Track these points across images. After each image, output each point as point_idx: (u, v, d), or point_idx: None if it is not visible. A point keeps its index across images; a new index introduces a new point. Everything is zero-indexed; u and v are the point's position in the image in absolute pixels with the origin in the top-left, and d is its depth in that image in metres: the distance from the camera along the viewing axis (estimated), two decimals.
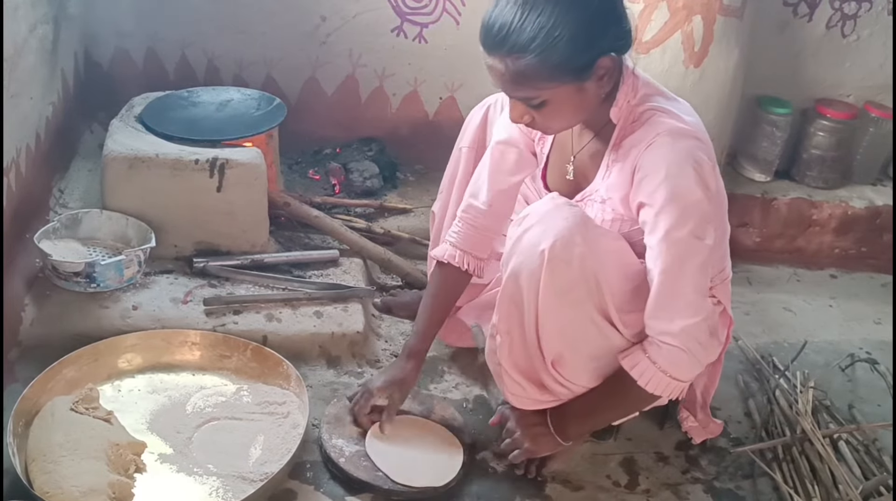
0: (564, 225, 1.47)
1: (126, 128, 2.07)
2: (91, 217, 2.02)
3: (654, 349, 1.49)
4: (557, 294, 1.49)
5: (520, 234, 1.53)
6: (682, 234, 1.42)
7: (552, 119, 1.48)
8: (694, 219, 1.43)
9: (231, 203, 2.02)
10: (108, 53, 2.52)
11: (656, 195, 1.43)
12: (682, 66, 2.32)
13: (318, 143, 2.65)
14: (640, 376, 1.51)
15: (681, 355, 1.48)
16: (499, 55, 1.39)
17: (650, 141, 1.44)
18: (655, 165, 1.43)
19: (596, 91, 1.44)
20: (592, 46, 1.38)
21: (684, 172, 1.42)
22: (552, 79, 1.39)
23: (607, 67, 1.41)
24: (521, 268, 1.51)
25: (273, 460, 1.61)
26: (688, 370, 1.51)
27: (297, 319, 1.94)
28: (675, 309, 1.46)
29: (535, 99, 1.43)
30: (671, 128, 1.44)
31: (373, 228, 2.33)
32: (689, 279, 1.45)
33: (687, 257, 1.44)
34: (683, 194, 1.42)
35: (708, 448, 1.84)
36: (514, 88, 1.42)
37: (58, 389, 1.66)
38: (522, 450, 1.65)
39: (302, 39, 2.56)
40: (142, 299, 1.91)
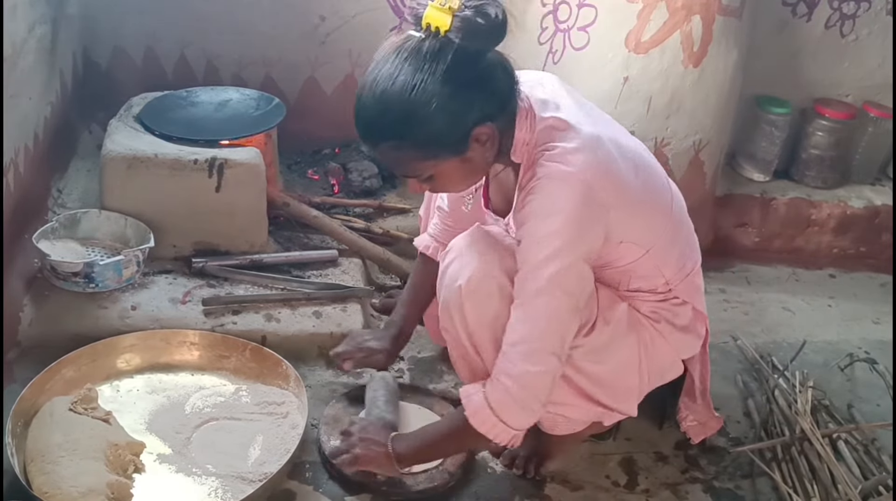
0: (480, 260, 1.48)
1: (125, 128, 2.07)
2: (90, 217, 2.02)
3: (491, 385, 1.44)
4: (486, 326, 1.49)
5: (443, 268, 1.55)
6: (545, 276, 1.38)
7: (447, 187, 1.50)
8: (560, 262, 1.37)
9: (230, 203, 2.02)
10: (106, 53, 2.51)
11: (528, 233, 1.40)
12: (681, 66, 2.31)
13: (317, 143, 2.65)
14: (471, 411, 1.45)
15: (510, 400, 1.42)
16: (372, 145, 1.39)
17: (532, 186, 1.40)
18: (531, 209, 1.40)
19: (482, 156, 1.40)
20: (460, 123, 1.34)
21: (555, 219, 1.37)
22: (430, 158, 1.38)
23: (486, 133, 1.37)
24: (448, 302, 1.53)
25: (272, 460, 1.61)
26: (516, 418, 1.43)
27: (296, 319, 1.94)
28: (521, 351, 1.41)
29: (420, 176, 1.42)
30: (553, 171, 1.39)
31: (371, 228, 2.32)
32: (542, 325, 1.41)
33: (538, 304, 1.40)
34: (548, 241, 1.38)
35: (707, 448, 1.84)
36: (396, 170, 1.46)
37: (56, 389, 1.66)
38: (351, 455, 1.58)
39: (301, 39, 2.56)
40: (140, 300, 1.90)
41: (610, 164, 1.42)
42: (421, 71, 1.29)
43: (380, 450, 1.57)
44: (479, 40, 1.31)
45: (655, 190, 1.55)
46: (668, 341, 1.63)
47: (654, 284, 1.59)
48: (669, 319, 1.62)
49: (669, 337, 1.62)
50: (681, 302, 1.63)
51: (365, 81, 1.35)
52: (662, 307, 1.61)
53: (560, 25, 2.39)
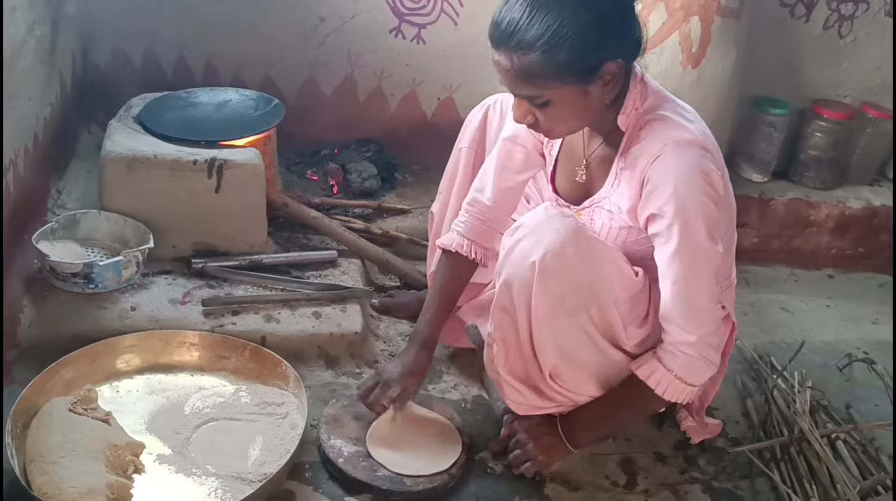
0: (555, 236, 1.48)
1: (124, 128, 2.07)
2: (89, 218, 2.02)
3: (670, 358, 1.53)
4: (550, 306, 1.50)
5: (512, 244, 1.54)
6: (694, 244, 1.44)
7: (555, 121, 1.48)
8: (704, 228, 1.44)
9: (229, 204, 2.02)
10: (105, 54, 2.52)
11: (666, 208, 1.44)
12: (680, 66, 2.32)
13: (316, 144, 2.65)
14: (658, 384, 1.54)
15: (697, 362, 1.52)
16: (505, 51, 1.39)
17: (657, 153, 1.44)
18: (664, 177, 1.44)
19: (601, 96, 1.44)
20: (599, 50, 1.38)
21: (693, 184, 1.43)
22: (557, 78, 1.39)
23: (613, 72, 1.42)
24: (513, 279, 1.52)
25: (272, 460, 1.61)
26: (704, 375, 1.55)
27: (296, 319, 1.94)
28: (690, 318, 1.49)
29: (539, 98, 1.43)
30: (677, 139, 1.44)
31: (371, 228, 2.33)
32: (703, 288, 1.48)
33: (700, 265, 1.47)
34: (693, 206, 1.43)
35: (706, 448, 1.84)
36: (519, 85, 1.42)
37: (56, 390, 1.65)
38: (534, 462, 1.65)
39: (300, 40, 2.56)
40: (140, 300, 1.90)
41: (717, 147, 1.51)
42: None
43: (555, 441, 1.64)
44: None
45: (731, 191, 1.61)
46: None
47: None
48: None
49: None
50: (721, 307, 1.64)
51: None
52: None
53: None
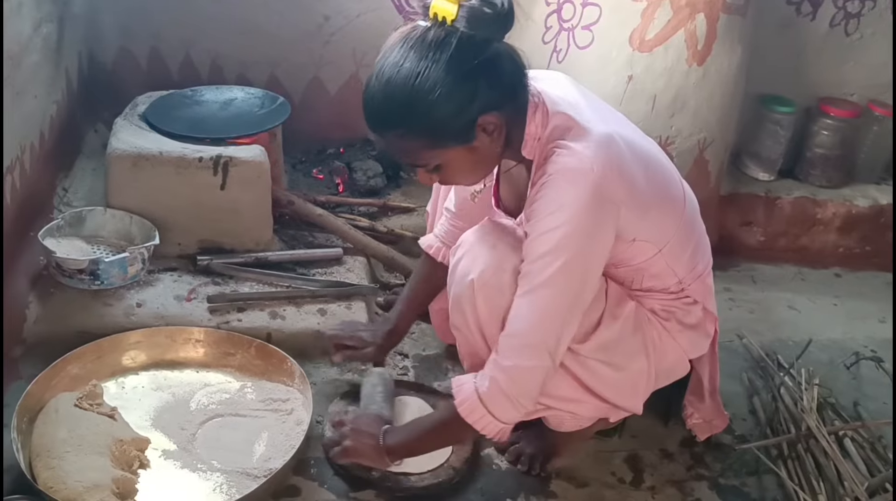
0: (491, 253, 1.48)
1: (130, 126, 2.07)
2: (95, 215, 2.02)
3: (481, 377, 1.44)
4: (498, 320, 1.47)
5: (454, 264, 1.55)
6: (548, 270, 1.37)
7: (456, 177, 1.48)
8: (563, 259, 1.36)
9: (235, 201, 2.02)
10: (111, 53, 2.52)
11: (535, 228, 1.39)
12: (685, 64, 2.31)
13: (321, 142, 2.65)
14: (460, 400, 1.45)
15: (500, 395, 1.41)
16: (377, 133, 1.39)
17: (543, 181, 1.40)
18: (541, 205, 1.39)
19: (490, 146, 1.40)
20: (464, 111, 1.34)
21: (564, 213, 1.36)
22: (434, 146, 1.37)
23: (492, 122, 1.37)
24: (459, 298, 1.53)
25: (277, 456, 1.61)
26: (504, 411, 1.43)
27: (301, 316, 1.94)
28: (514, 344, 1.41)
29: (428, 165, 1.42)
30: (564, 167, 1.38)
31: (376, 226, 2.33)
32: (539, 320, 1.40)
33: (540, 296, 1.39)
34: (556, 235, 1.36)
35: (713, 445, 1.83)
36: (403, 160, 1.45)
37: (62, 386, 1.66)
38: (342, 447, 1.59)
39: (305, 39, 2.56)
40: (146, 297, 1.91)
41: (622, 162, 1.41)
42: (425, 59, 1.30)
43: (370, 442, 1.57)
44: (485, 29, 1.31)
45: (668, 189, 1.55)
46: (677, 339, 1.62)
47: (667, 283, 1.58)
48: (679, 317, 1.61)
49: (678, 336, 1.62)
50: (692, 301, 1.62)
51: (373, 70, 1.36)
52: (673, 305, 1.61)
53: (564, 24, 2.39)
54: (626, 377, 1.58)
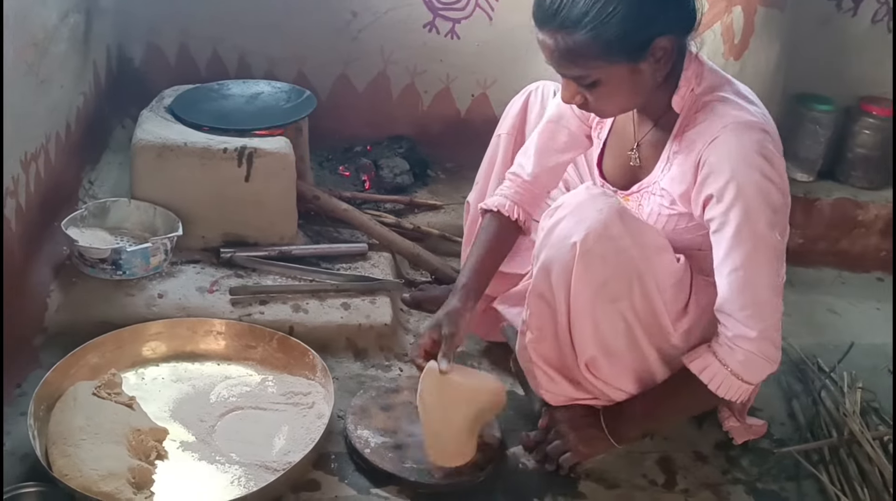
0: (598, 217, 1.41)
1: (155, 118, 2.06)
2: (119, 206, 2.01)
3: (726, 352, 1.44)
4: (591, 291, 1.43)
5: (551, 225, 1.47)
6: (755, 230, 1.37)
7: (605, 101, 1.42)
8: (766, 214, 1.37)
9: (259, 193, 2.00)
10: (140, 49, 2.52)
11: (725, 191, 1.36)
12: (722, 58, 2.25)
13: (348, 140, 2.63)
14: (711, 379, 1.46)
15: (756, 359, 1.44)
16: (550, 30, 1.34)
17: (715, 134, 1.37)
18: (722, 160, 1.36)
19: (652, 74, 1.38)
20: (648, 25, 1.32)
21: (754, 167, 1.36)
22: (605, 57, 1.33)
23: (665, 48, 1.35)
24: (552, 262, 1.45)
25: (297, 450, 1.56)
26: (763, 373, 1.47)
27: (324, 310, 1.90)
28: (750, 311, 1.41)
29: (587, 78, 1.37)
30: (738, 120, 1.37)
31: (402, 223, 2.29)
32: (764, 278, 1.41)
33: (761, 254, 1.39)
34: (754, 189, 1.36)
35: (749, 449, 1.75)
36: (565, 65, 1.37)
37: (81, 374, 1.63)
38: (574, 452, 1.58)
39: (333, 36, 2.55)
40: (168, 288, 1.88)
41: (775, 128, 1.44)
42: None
43: (600, 438, 1.57)
44: None
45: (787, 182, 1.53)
46: None
47: None
48: None
49: None
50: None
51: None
52: None
53: None
54: None
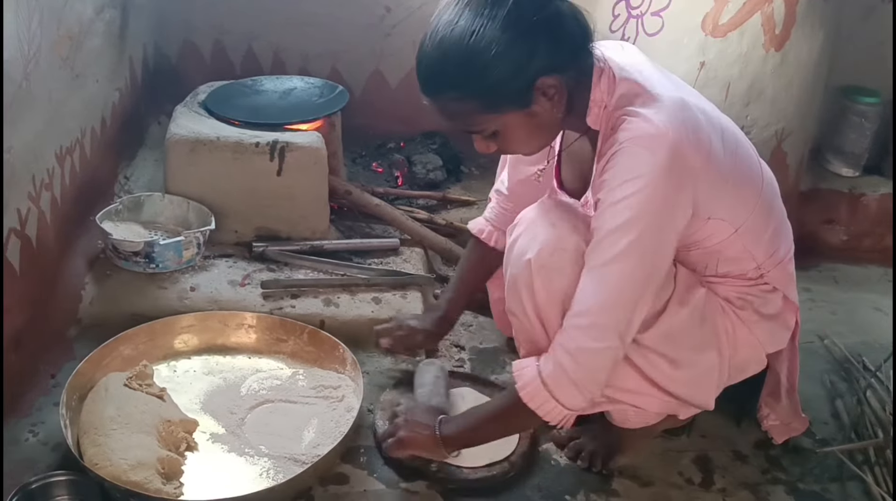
0: (551, 232, 1.39)
1: (189, 113, 2.07)
2: (153, 201, 2.02)
3: (545, 360, 1.35)
4: (556, 303, 1.39)
5: (511, 242, 1.47)
6: (620, 244, 1.27)
7: (514, 145, 1.38)
8: (638, 231, 1.26)
9: (291, 187, 2.00)
10: (176, 46, 2.55)
11: (606, 198, 1.29)
12: (762, 49, 2.19)
13: (381, 136, 2.62)
14: (522, 384, 1.36)
15: (565, 379, 1.32)
16: (431, 98, 1.31)
17: (614, 150, 1.30)
18: (614, 174, 1.29)
19: (550, 111, 1.31)
20: (522, 72, 1.25)
21: (640, 181, 1.26)
22: (490, 110, 1.29)
23: (552, 85, 1.28)
24: (516, 279, 1.44)
25: (326, 443, 1.55)
26: (569, 396, 1.33)
27: (356, 304, 1.89)
28: (581, 324, 1.31)
29: (485, 131, 1.33)
30: (636, 134, 1.28)
31: (434, 219, 2.27)
32: (609, 297, 1.30)
33: (613, 271, 1.29)
34: (624, 205, 1.27)
35: (790, 449, 1.70)
36: (458, 125, 1.33)
37: (113, 366, 1.64)
38: (396, 438, 1.52)
39: (366, 32, 2.54)
40: (200, 281, 1.89)
41: (697, 127, 1.32)
42: (481, 16, 1.23)
43: (426, 433, 1.50)
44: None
45: (745, 164, 1.44)
46: (753, 330, 1.51)
47: (744, 268, 1.47)
48: (757, 306, 1.50)
49: (754, 327, 1.50)
50: (771, 289, 1.51)
51: (427, 30, 1.29)
52: (750, 293, 1.50)
53: (633, 12, 2.30)
54: (696, 369, 1.47)
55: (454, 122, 1.34)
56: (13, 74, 1.49)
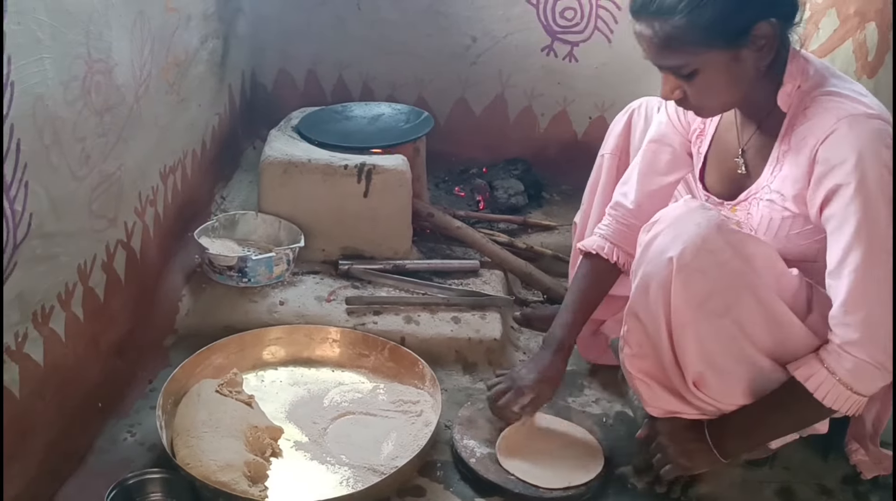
0: (696, 231, 1.36)
1: (283, 136, 2.18)
2: (247, 219, 2.12)
3: (834, 359, 1.35)
4: (692, 307, 1.37)
5: (648, 240, 1.43)
6: (876, 230, 1.27)
7: (705, 94, 1.37)
8: (887, 212, 1.27)
9: (376, 208, 2.07)
10: (272, 74, 2.68)
11: (846, 188, 1.28)
12: (854, 76, 2.15)
13: (464, 162, 2.68)
14: (817, 388, 1.36)
15: (867, 367, 1.33)
16: (646, 18, 1.32)
17: (830, 128, 1.30)
18: (840, 154, 1.29)
19: (754, 62, 1.33)
20: (748, 7, 1.28)
21: (877, 160, 1.27)
22: (703, 43, 1.30)
23: (766, 33, 1.30)
24: (650, 278, 1.41)
25: (404, 456, 1.59)
26: (875, 383, 1.36)
27: (435, 323, 1.94)
28: (862, 315, 1.31)
29: (686, 68, 1.33)
30: (854, 112, 1.29)
31: (515, 243, 2.30)
32: (880, 282, 1.30)
33: (879, 256, 1.29)
34: (877, 185, 1.27)
35: (881, 485, 1.63)
36: (663, 55, 1.33)
37: (205, 373, 1.72)
38: (675, 465, 1.52)
39: (452, 61, 2.62)
40: (288, 296, 1.97)
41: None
42: None
43: (701, 447, 1.49)
44: None
45: None
46: None
47: None
48: None
49: None
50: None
51: None
52: None
53: None
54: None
55: (661, 51, 1.33)
56: (126, 97, 1.61)
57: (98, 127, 1.50)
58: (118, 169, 1.60)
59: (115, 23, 1.52)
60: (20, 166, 1.24)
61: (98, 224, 1.54)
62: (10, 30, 1.18)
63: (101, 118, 1.50)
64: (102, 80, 1.49)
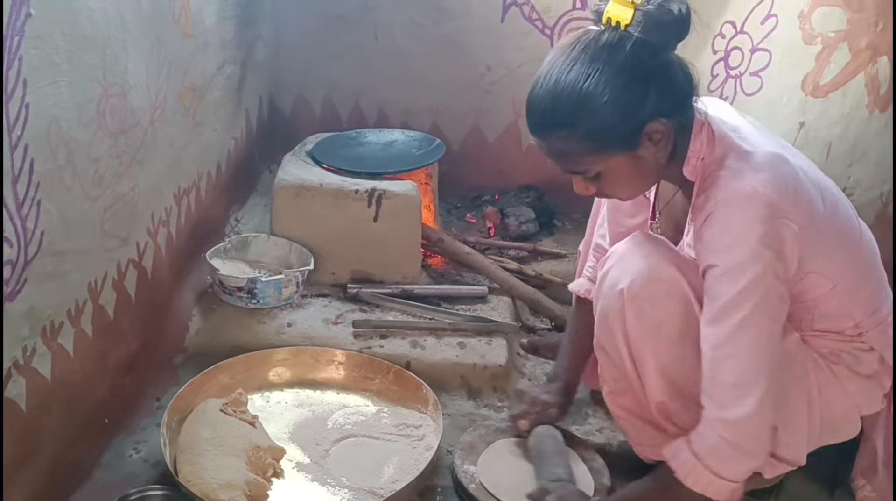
0: (643, 263, 1.40)
1: (297, 161, 2.22)
2: (259, 241, 2.15)
3: (698, 437, 1.33)
4: (648, 336, 1.40)
5: (602, 275, 1.48)
6: (741, 310, 1.28)
7: (615, 188, 1.40)
8: (756, 294, 1.28)
9: (386, 233, 2.09)
10: (289, 100, 2.73)
11: (714, 269, 1.30)
12: (866, 110, 2.15)
13: (477, 189, 2.70)
14: (680, 468, 1.34)
15: (725, 449, 1.30)
16: (540, 136, 1.34)
17: (710, 209, 1.31)
18: (713, 236, 1.31)
19: (653, 156, 1.34)
20: (634, 114, 1.28)
21: (744, 243, 1.27)
22: (598, 152, 1.32)
23: (659, 130, 1.31)
24: (608, 311, 1.45)
25: (404, 479, 1.59)
26: (736, 467, 1.32)
27: (441, 348, 1.95)
28: (726, 392, 1.31)
29: (589, 172, 1.35)
30: (732, 193, 1.30)
31: (524, 270, 2.31)
32: (745, 360, 1.30)
33: (748, 334, 1.29)
34: (742, 268, 1.27)
35: None
36: (564, 165, 1.36)
37: (211, 392, 1.75)
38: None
39: (466, 89, 2.65)
40: (297, 318, 1.99)
41: (797, 182, 1.33)
42: (596, 61, 1.27)
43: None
44: (660, 34, 1.28)
45: (843, 221, 1.43)
46: (846, 387, 1.46)
47: (842, 326, 1.45)
48: (849, 363, 1.46)
49: (847, 383, 1.46)
50: (868, 348, 1.46)
51: (539, 72, 1.34)
52: (844, 350, 1.46)
53: (731, 72, 2.32)
54: (786, 421, 1.43)
55: (560, 162, 1.37)
56: (141, 120, 1.65)
57: (112, 149, 1.54)
58: (132, 190, 1.64)
59: (132, 48, 1.57)
60: (33, 185, 1.28)
61: (110, 243, 1.58)
62: (28, 54, 1.22)
63: (116, 140, 1.54)
64: (118, 103, 1.53)
